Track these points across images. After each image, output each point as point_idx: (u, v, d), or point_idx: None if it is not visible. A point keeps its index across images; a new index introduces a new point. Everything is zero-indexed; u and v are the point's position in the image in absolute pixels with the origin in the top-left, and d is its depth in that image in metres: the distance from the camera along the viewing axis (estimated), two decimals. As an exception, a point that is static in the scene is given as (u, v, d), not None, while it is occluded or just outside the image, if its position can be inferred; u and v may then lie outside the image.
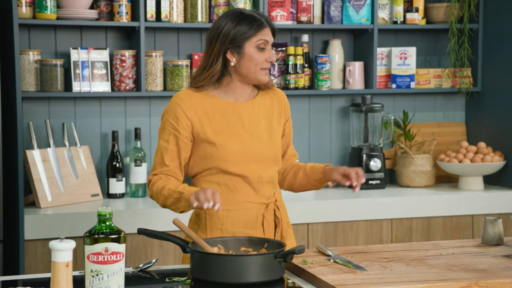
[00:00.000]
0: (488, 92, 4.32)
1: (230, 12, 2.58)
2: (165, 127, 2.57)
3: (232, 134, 2.55)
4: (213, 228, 2.56)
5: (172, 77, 3.97)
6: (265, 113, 2.63)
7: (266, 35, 2.55)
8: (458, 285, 2.10)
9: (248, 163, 2.55)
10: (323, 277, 2.16)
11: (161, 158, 2.55)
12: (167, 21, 3.91)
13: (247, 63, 2.54)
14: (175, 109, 2.55)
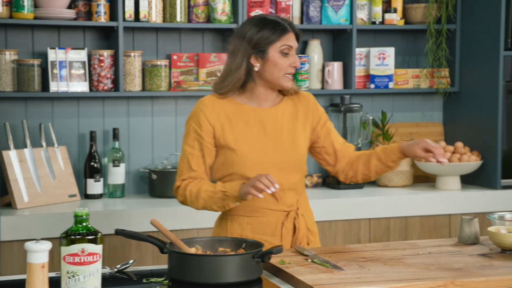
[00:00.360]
0: (465, 92, 4.34)
1: (254, 17, 2.59)
2: (189, 132, 2.59)
3: (253, 141, 2.56)
4: (233, 233, 2.59)
5: (150, 77, 3.95)
6: (289, 119, 2.63)
7: (289, 40, 2.55)
8: (435, 284, 2.11)
9: (268, 170, 2.54)
10: (301, 277, 2.17)
11: (188, 164, 2.57)
12: (145, 21, 3.89)
13: (271, 68, 2.54)
14: (198, 115, 2.57)
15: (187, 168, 2.57)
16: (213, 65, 4.08)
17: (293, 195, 2.62)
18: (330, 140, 2.69)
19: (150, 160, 4.10)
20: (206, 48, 4.16)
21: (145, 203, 3.79)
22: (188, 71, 4.08)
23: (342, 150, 2.70)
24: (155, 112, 4.10)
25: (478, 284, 2.13)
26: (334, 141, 2.70)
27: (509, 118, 4.12)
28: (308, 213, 2.68)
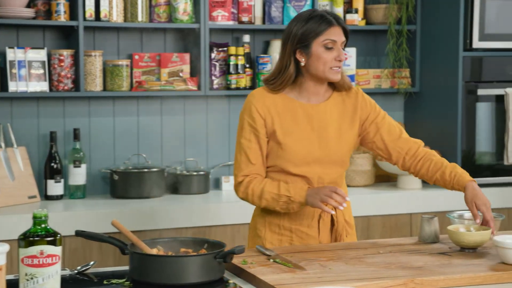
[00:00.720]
0: (425, 92, 4.39)
1: (301, 13, 2.62)
2: (244, 126, 2.62)
3: (300, 136, 2.60)
4: (272, 223, 2.66)
5: (112, 77, 3.92)
6: (336, 115, 2.65)
7: (333, 34, 2.55)
8: (395, 282, 2.13)
9: (310, 165, 2.60)
10: (263, 277, 2.17)
11: (246, 157, 2.60)
12: (106, 20, 3.86)
13: (315, 62, 2.57)
14: (249, 108, 2.61)
15: (246, 162, 2.60)
16: (175, 65, 4.06)
17: None
18: (379, 135, 2.69)
19: (111, 160, 4.07)
20: (168, 48, 4.15)
21: (106, 204, 3.77)
22: (149, 71, 4.06)
23: (394, 144, 2.68)
24: (116, 112, 4.07)
25: (438, 282, 2.15)
26: (385, 136, 2.68)
27: (468, 118, 4.17)
28: (347, 206, 2.70)
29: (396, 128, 2.70)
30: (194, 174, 4.06)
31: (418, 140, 2.71)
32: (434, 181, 2.67)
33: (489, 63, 4.19)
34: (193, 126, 4.20)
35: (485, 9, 4.11)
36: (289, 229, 2.66)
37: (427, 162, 2.66)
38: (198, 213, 3.72)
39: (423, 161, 2.67)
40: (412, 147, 2.68)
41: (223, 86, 4.14)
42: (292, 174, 2.62)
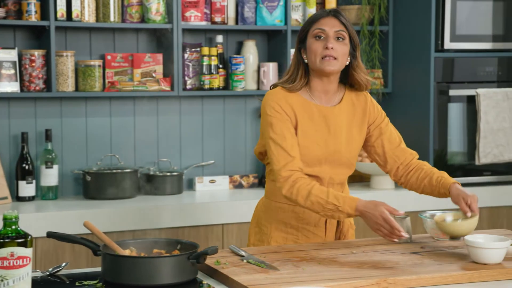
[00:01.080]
0: (398, 93, 4.41)
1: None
2: (272, 123, 2.57)
3: (317, 138, 2.60)
4: (278, 221, 2.67)
5: (84, 77, 3.90)
6: (347, 118, 2.66)
7: (323, 24, 2.57)
8: (368, 282, 2.14)
9: (322, 165, 2.61)
10: (236, 278, 2.16)
11: (284, 151, 2.53)
12: (78, 20, 3.84)
13: (309, 55, 2.59)
14: (272, 105, 2.58)
15: (285, 156, 2.53)
16: (148, 66, 4.05)
17: (339, 188, 2.69)
18: (380, 141, 2.71)
19: (84, 161, 4.05)
20: (140, 48, 4.13)
21: (79, 205, 3.74)
22: (122, 71, 4.04)
23: (392, 153, 2.71)
24: (89, 113, 4.05)
25: (410, 282, 2.17)
26: (386, 143, 2.71)
27: (440, 118, 4.20)
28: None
29: (396, 137, 2.74)
30: (168, 174, 4.04)
31: (413, 152, 2.74)
32: (422, 189, 2.69)
33: (461, 64, 4.22)
34: (166, 126, 4.19)
35: (456, 10, 4.15)
36: (296, 227, 2.67)
37: (418, 171, 2.69)
38: (172, 213, 3.71)
39: (414, 171, 2.69)
40: (407, 158, 2.71)
41: (196, 86, 4.13)
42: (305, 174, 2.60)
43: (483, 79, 4.26)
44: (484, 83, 4.26)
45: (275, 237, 2.68)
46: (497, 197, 4.24)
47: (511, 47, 4.29)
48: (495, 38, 4.25)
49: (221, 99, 4.28)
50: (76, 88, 3.93)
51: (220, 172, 4.29)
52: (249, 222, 3.81)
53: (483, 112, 4.19)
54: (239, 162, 4.32)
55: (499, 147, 4.24)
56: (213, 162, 4.25)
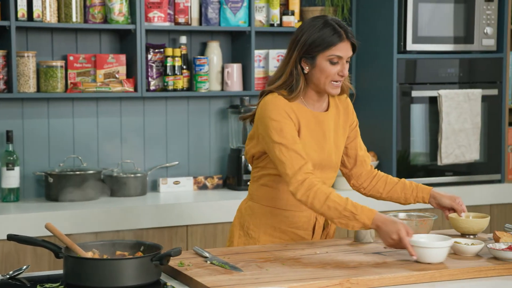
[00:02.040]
0: (361, 94, 4.43)
1: (313, 19, 2.57)
2: (281, 127, 2.52)
3: (314, 144, 2.60)
4: (267, 225, 2.66)
5: (46, 78, 3.86)
6: (335, 122, 2.67)
7: (340, 50, 2.52)
8: (331, 282, 2.15)
9: (316, 171, 2.59)
10: (199, 279, 2.16)
11: (298, 154, 2.50)
12: (39, 20, 3.80)
13: (318, 74, 2.55)
14: (280, 112, 2.54)
15: (299, 160, 2.49)
16: (111, 66, 4.02)
17: None
18: (354, 144, 2.73)
19: (46, 163, 4.01)
20: (103, 49, 4.10)
21: (40, 207, 3.70)
22: (85, 72, 4.01)
23: (362, 158, 2.75)
24: (51, 114, 4.01)
25: (373, 282, 2.18)
26: (358, 146, 2.74)
27: (403, 119, 4.24)
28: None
29: (363, 144, 2.80)
30: (131, 176, 4.02)
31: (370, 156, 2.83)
32: (388, 193, 2.74)
33: (423, 65, 4.27)
34: (130, 127, 4.17)
35: (418, 12, 4.19)
36: (285, 231, 2.66)
37: (384, 177, 2.74)
38: (135, 215, 3.69)
39: (378, 177, 2.75)
40: (370, 165, 2.79)
41: (160, 87, 4.11)
42: None
43: (445, 80, 4.31)
44: (446, 84, 4.31)
45: (263, 241, 2.67)
46: (459, 197, 4.28)
47: (472, 49, 4.35)
48: (456, 39, 4.30)
49: (185, 100, 4.27)
50: (38, 89, 3.89)
51: (184, 173, 4.28)
52: (213, 224, 3.83)
53: (445, 113, 4.24)
54: (204, 163, 4.31)
55: (461, 148, 4.29)
56: (177, 163, 4.24)
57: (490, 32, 4.35)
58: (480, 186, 4.36)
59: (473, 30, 4.32)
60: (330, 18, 2.56)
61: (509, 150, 4.50)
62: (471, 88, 4.35)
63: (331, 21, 2.54)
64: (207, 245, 3.79)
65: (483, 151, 4.42)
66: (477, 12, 4.32)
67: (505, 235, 2.54)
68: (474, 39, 4.33)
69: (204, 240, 3.80)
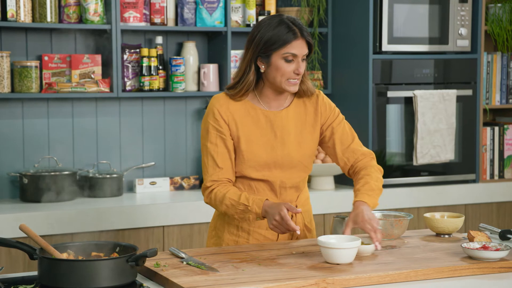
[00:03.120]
0: (337, 94, 4.46)
1: (269, 18, 2.57)
2: (209, 130, 2.59)
3: (262, 142, 2.60)
4: (230, 224, 2.67)
5: (20, 78, 3.83)
6: (297, 121, 2.65)
7: (295, 48, 2.52)
8: (307, 282, 2.15)
9: (272, 170, 2.61)
10: (176, 280, 2.16)
11: (213, 161, 2.59)
12: (13, 20, 3.77)
13: (273, 72, 2.55)
14: (213, 112, 2.60)
15: (213, 166, 2.59)
16: (86, 66, 4.00)
17: (294, 192, 2.68)
18: (332, 142, 2.69)
19: (21, 163, 3.98)
20: (79, 49, 4.08)
21: (15, 208, 3.68)
22: (60, 72, 3.99)
23: (342, 154, 2.68)
24: (25, 114, 3.98)
25: (349, 282, 2.19)
26: (337, 143, 2.68)
27: (379, 119, 4.26)
28: (307, 210, 2.73)
29: (348, 137, 2.71)
30: (107, 177, 4.00)
31: (367, 152, 2.71)
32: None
33: (398, 65, 4.29)
34: (106, 128, 4.15)
35: (394, 13, 4.22)
36: (247, 231, 2.67)
37: (356, 175, 2.68)
38: (111, 216, 3.67)
39: (355, 173, 2.69)
40: (357, 159, 2.70)
41: (136, 88, 4.10)
42: (254, 179, 2.63)
43: (420, 80, 4.34)
44: (421, 85, 4.34)
45: (226, 241, 2.68)
46: (434, 197, 4.32)
47: (446, 50, 4.38)
48: (431, 40, 4.33)
49: (161, 101, 4.25)
50: (12, 90, 3.86)
51: (160, 174, 4.27)
52: (190, 224, 3.82)
53: (420, 113, 4.26)
54: (180, 164, 4.30)
55: (436, 148, 4.32)
56: (153, 164, 4.23)
57: (465, 33, 4.38)
58: (455, 186, 4.39)
59: (448, 31, 4.36)
60: (286, 17, 2.57)
61: (483, 150, 4.54)
62: (446, 88, 4.38)
63: (286, 20, 2.55)
64: (184, 246, 3.78)
65: (458, 151, 4.45)
66: (452, 13, 4.35)
67: (479, 235, 2.56)
68: (448, 40, 4.36)
69: (180, 240, 3.80)
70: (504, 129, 4.60)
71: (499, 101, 4.62)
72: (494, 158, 4.57)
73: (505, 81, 4.61)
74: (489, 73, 4.57)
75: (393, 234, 2.69)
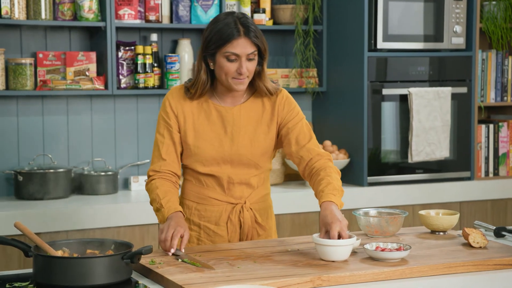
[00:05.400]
0: (332, 92, 4.46)
1: (220, 15, 2.57)
2: (159, 121, 2.66)
3: (211, 137, 2.61)
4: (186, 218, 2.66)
5: (15, 75, 3.83)
6: (252, 118, 2.64)
7: (235, 47, 2.51)
8: (302, 280, 2.15)
9: (220, 165, 2.62)
10: (171, 277, 2.16)
11: (158, 152, 2.63)
12: (8, 17, 3.76)
13: (218, 70, 2.56)
14: (165, 103, 2.64)
15: (158, 157, 2.63)
16: (81, 64, 3.99)
17: (244, 189, 2.66)
18: (288, 140, 2.67)
19: (15, 161, 3.97)
20: (73, 47, 4.07)
21: (10, 206, 3.67)
22: (55, 69, 3.98)
23: (297, 153, 2.65)
24: (20, 112, 3.97)
25: (344, 279, 2.19)
26: (292, 142, 2.64)
27: (374, 117, 4.26)
28: (262, 207, 2.71)
29: (305, 136, 2.66)
30: (102, 174, 4.00)
31: (324, 153, 2.64)
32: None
33: (393, 63, 4.29)
34: (101, 125, 4.14)
35: (389, 10, 4.22)
36: (198, 225, 2.68)
37: (315, 176, 2.60)
38: (106, 213, 3.67)
39: (313, 174, 2.61)
40: (313, 159, 2.63)
41: (131, 85, 4.09)
42: (202, 174, 2.64)
43: (415, 78, 4.34)
44: (416, 83, 4.34)
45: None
46: (429, 195, 4.32)
47: (441, 47, 4.38)
48: (426, 38, 4.33)
49: (156, 98, 4.25)
50: (7, 87, 3.85)
51: (155, 172, 4.26)
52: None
53: (415, 111, 4.27)
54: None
55: (431, 145, 4.32)
56: (148, 161, 4.22)
57: (460, 31, 4.39)
58: (450, 184, 4.40)
59: (443, 28, 4.36)
60: (236, 15, 2.55)
61: (478, 148, 4.55)
62: (441, 86, 4.39)
63: (234, 17, 2.53)
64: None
65: (453, 148, 4.46)
66: (447, 11, 4.35)
67: (474, 232, 2.56)
68: (443, 37, 4.37)
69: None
70: (499, 126, 4.60)
71: (494, 98, 4.63)
72: (489, 155, 4.58)
73: (500, 79, 4.62)
74: (484, 70, 4.57)
75: (388, 231, 2.69)
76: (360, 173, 4.27)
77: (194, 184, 2.67)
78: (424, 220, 2.76)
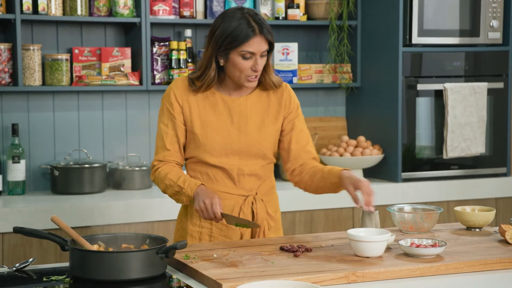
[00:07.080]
0: (366, 87, 4.43)
1: (227, 12, 2.56)
2: (163, 111, 2.64)
3: (218, 128, 2.61)
4: (193, 215, 2.65)
5: (51, 71, 3.86)
6: (259, 109, 2.65)
7: (252, 46, 2.51)
8: (336, 275, 2.15)
9: (229, 156, 2.61)
10: (205, 272, 2.16)
11: (162, 142, 2.63)
12: (44, 13, 3.80)
13: (231, 68, 2.56)
14: (169, 94, 2.63)
15: (162, 147, 2.63)
16: (116, 60, 4.02)
17: (254, 180, 2.66)
18: (289, 137, 2.68)
19: (52, 156, 4.01)
20: (108, 42, 4.10)
21: (46, 200, 3.71)
22: (90, 65, 4.01)
23: (297, 151, 2.68)
24: (56, 107, 4.01)
25: (378, 275, 2.18)
26: (293, 140, 2.67)
27: (408, 112, 4.23)
28: (270, 199, 2.72)
29: (305, 136, 2.70)
30: (137, 169, 4.02)
31: (317, 156, 2.72)
32: (316, 186, 2.64)
33: (428, 58, 4.26)
34: (135, 121, 4.17)
35: (424, 5, 4.18)
36: (210, 222, 2.64)
37: (312, 169, 2.65)
38: (141, 208, 3.69)
39: (308, 170, 2.66)
40: (307, 161, 2.68)
41: (165, 80, 4.11)
42: (211, 165, 2.62)
43: (451, 73, 4.30)
44: (452, 78, 4.30)
45: (190, 232, 2.66)
46: (464, 191, 4.28)
47: (477, 42, 4.33)
48: (462, 33, 4.29)
49: (190, 94, 4.26)
50: (43, 82, 3.89)
51: (189, 167, 4.27)
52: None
53: (450, 106, 4.23)
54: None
55: (466, 141, 4.28)
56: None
57: (496, 25, 4.33)
58: (485, 180, 4.35)
59: (479, 23, 4.31)
60: (246, 11, 2.54)
61: (514, 144, 4.50)
62: (477, 81, 4.34)
63: (246, 15, 2.53)
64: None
65: (489, 144, 4.41)
66: (483, 5, 4.30)
67: (511, 228, 2.53)
68: (480, 32, 4.32)
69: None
70: (536, 122, 4.55)
71: (531, 94, 4.57)
72: (526, 151, 4.52)
73: (537, 74, 4.56)
74: (521, 65, 4.51)
75: (423, 227, 2.67)
76: (395, 169, 4.24)
77: (202, 180, 2.64)
78: (460, 216, 2.74)
